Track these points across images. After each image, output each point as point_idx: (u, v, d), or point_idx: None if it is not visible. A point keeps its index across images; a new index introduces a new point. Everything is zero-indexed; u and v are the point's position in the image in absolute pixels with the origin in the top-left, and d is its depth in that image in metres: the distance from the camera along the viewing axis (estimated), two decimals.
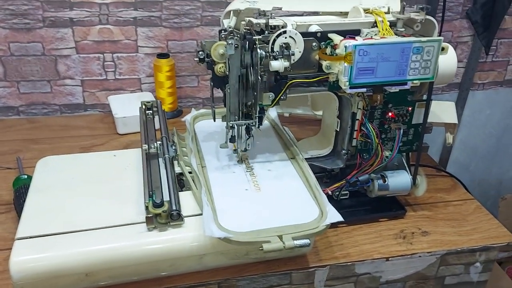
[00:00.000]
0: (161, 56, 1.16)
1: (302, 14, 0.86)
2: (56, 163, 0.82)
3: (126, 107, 1.13)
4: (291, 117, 1.12)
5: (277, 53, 0.71)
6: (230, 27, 0.78)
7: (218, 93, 0.80)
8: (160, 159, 0.81)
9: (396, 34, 0.76)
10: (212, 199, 0.73)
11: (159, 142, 0.83)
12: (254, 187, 0.77)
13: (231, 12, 0.82)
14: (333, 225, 0.83)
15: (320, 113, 1.01)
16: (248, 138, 0.81)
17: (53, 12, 1.10)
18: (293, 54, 0.71)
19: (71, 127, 1.15)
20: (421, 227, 0.86)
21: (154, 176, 0.75)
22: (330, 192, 0.84)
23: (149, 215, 0.66)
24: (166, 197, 0.70)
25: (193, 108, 0.99)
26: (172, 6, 1.15)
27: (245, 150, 0.83)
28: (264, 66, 0.72)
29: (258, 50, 0.70)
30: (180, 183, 0.81)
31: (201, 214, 0.69)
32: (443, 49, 0.75)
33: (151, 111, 0.97)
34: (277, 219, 0.69)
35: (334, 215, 0.70)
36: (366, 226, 0.86)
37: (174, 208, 0.68)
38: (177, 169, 0.82)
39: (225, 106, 0.78)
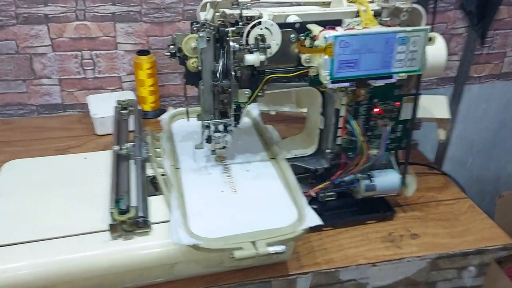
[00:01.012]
0: (142, 53, 1.11)
1: (282, 4, 0.81)
2: (23, 166, 0.78)
3: (105, 107, 1.07)
4: (278, 115, 1.07)
5: (252, 46, 0.66)
6: (206, 20, 0.74)
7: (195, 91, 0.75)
8: (132, 161, 0.76)
9: (381, 24, 0.71)
10: (183, 202, 0.68)
11: (132, 143, 0.79)
12: (230, 189, 0.72)
13: (208, 4, 0.77)
14: (316, 229, 0.78)
15: (305, 110, 0.96)
16: (225, 135, 0.76)
17: (27, 8, 1.05)
18: (269, 47, 0.67)
19: (47, 128, 1.10)
20: (411, 229, 0.81)
21: (122, 180, 0.70)
22: (314, 194, 0.79)
23: (113, 223, 0.61)
24: (134, 203, 0.66)
25: (170, 107, 0.94)
26: (152, 0, 1.10)
27: (223, 148, 0.78)
28: (239, 60, 0.68)
29: (231, 43, 0.65)
30: (155, 186, 0.76)
31: None
32: (430, 39, 0.70)
33: (127, 111, 0.93)
34: (251, 224, 0.64)
35: (313, 219, 0.65)
36: (352, 229, 0.81)
37: (140, 214, 0.63)
38: (151, 172, 0.77)
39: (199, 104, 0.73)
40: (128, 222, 0.62)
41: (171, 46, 0.71)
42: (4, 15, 1.05)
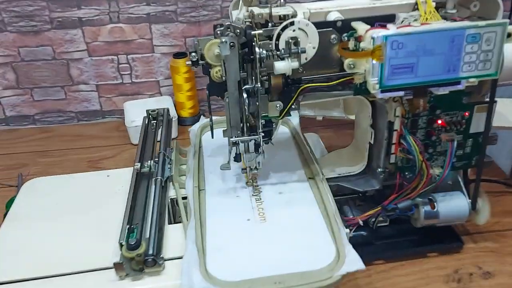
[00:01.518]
0: (178, 55, 1.03)
1: None
2: (43, 186, 0.72)
3: (141, 114, 1.01)
4: (326, 120, 0.95)
5: (282, 51, 0.55)
6: (238, 19, 0.64)
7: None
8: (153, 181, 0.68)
9: (445, 18, 0.58)
10: (204, 233, 0.59)
11: (154, 160, 0.71)
12: (258, 216, 0.62)
13: (240, 1, 0.67)
14: (365, 261, 0.66)
15: (354, 117, 0.83)
16: (257, 156, 0.66)
17: (60, 12, 1.01)
18: (303, 51, 0.55)
19: (84, 136, 1.06)
20: (483, 266, 0.67)
21: (139, 205, 0.63)
22: (361, 222, 0.67)
23: (117, 262, 0.53)
24: (148, 234, 0.57)
25: (202, 115, 0.85)
26: None
27: (256, 169, 0.68)
28: (268, 69, 0.57)
29: (257, 49, 0.55)
30: (175, 211, 0.68)
31: None
32: (509, 35, 0.56)
33: (157, 121, 0.85)
34: (279, 264, 0.54)
35: (353, 261, 0.53)
36: (409, 263, 0.68)
37: (150, 251, 0.54)
38: (173, 194, 0.69)
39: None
40: (137, 259, 0.54)
41: (193, 54, 0.61)
42: (39, 20, 1.01)
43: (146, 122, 0.84)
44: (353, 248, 0.55)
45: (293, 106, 0.60)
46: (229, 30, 0.58)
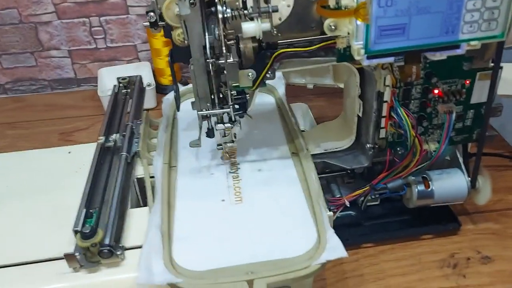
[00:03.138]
0: None
1: None
2: None
3: (116, 82, 0.94)
4: (319, 88, 0.87)
5: (251, 9, 0.47)
6: None
7: None
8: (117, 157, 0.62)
9: None
10: (172, 217, 0.53)
11: (119, 134, 0.64)
12: (234, 196, 0.56)
13: None
14: (353, 244, 0.61)
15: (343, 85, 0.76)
16: (232, 127, 0.59)
17: None
18: (275, 10, 0.47)
19: (57, 106, 0.99)
20: (482, 250, 0.61)
21: (99, 187, 0.56)
22: (347, 203, 0.61)
23: (69, 253, 0.47)
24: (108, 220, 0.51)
25: (182, 84, 0.77)
26: None
27: (231, 142, 0.61)
28: (237, 31, 0.49)
29: (219, 7, 0.46)
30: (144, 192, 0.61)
31: None
32: None
33: (128, 90, 0.78)
34: (254, 251, 0.48)
35: (335, 248, 0.47)
36: (400, 246, 0.62)
37: (107, 241, 0.48)
38: (141, 172, 0.62)
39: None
40: (93, 250, 0.48)
41: (151, 13, 0.53)
42: None
43: (116, 91, 0.77)
44: (340, 230, 0.49)
45: (267, 75, 0.52)
46: None
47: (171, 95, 0.75)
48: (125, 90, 0.78)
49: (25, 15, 0.96)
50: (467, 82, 0.56)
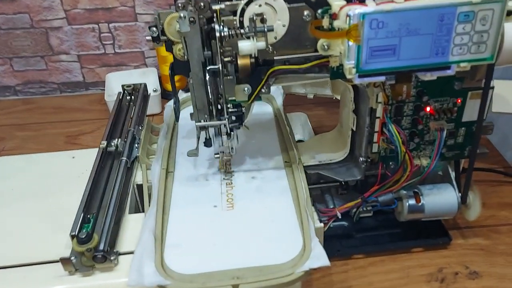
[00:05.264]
0: None
1: None
2: (3, 167, 0.68)
3: None
4: (319, 97, 0.89)
5: (247, 29, 0.49)
6: None
7: None
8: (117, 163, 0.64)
9: None
10: (165, 221, 0.55)
11: (120, 139, 0.66)
12: (226, 203, 0.58)
13: None
14: (343, 255, 0.62)
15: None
16: (230, 140, 0.61)
17: None
18: (271, 30, 0.49)
19: (65, 109, 1.02)
20: (470, 265, 0.62)
21: (98, 190, 0.58)
22: (339, 214, 0.62)
23: (65, 257, 0.50)
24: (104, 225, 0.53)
25: (180, 90, 0.80)
26: None
27: (229, 154, 0.63)
28: (234, 48, 0.51)
29: (217, 26, 0.49)
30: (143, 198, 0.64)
31: None
32: (510, 13, 0.48)
33: (132, 97, 0.80)
34: (241, 257, 0.50)
35: (319, 257, 0.49)
36: (390, 259, 0.63)
37: (101, 246, 0.50)
38: (140, 178, 0.65)
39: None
40: (87, 254, 0.50)
41: (153, 28, 0.55)
42: None
43: (121, 98, 0.79)
44: (331, 241, 0.51)
45: (263, 90, 0.54)
46: (190, 3, 0.51)
47: (172, 102, 0.77)
48: (129, 97, 0.80)
49: (37, 20, 0.99)
50: (459, 100, 0.58)
